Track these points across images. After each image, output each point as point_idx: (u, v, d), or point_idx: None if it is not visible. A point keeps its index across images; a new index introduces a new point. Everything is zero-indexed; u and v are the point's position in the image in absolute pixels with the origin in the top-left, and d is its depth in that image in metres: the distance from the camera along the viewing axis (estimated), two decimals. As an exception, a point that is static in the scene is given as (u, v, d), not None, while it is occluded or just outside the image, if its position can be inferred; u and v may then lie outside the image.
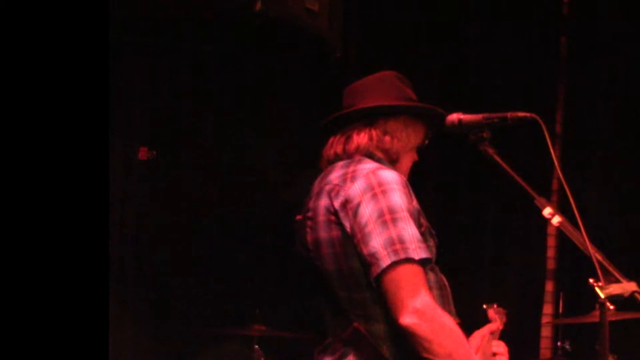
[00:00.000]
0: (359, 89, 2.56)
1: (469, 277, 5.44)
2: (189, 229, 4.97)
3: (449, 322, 2.22)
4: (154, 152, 4.79)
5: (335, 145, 2.49)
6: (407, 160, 2.56)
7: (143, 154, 4.77)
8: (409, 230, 2.22)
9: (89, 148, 1.98)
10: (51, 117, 1.95)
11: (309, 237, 2.39)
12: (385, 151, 2.47)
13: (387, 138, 2.48)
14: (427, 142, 2.61)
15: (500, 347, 2.63)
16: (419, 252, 2.21)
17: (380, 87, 2.54)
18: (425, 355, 2.17)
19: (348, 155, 2.45)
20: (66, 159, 1.95)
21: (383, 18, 5.38)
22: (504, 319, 2.88)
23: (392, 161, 2.48)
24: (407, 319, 2.15)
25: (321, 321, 2.42)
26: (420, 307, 2.16)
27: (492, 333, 2.71)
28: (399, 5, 5.40)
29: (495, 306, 2.90)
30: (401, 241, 2.20)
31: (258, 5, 3.60)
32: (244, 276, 5.01)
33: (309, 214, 2.40)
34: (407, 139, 2.52)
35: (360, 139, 2.46)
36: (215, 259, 4.99)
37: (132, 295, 4.71)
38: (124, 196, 4.71)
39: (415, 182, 2.50)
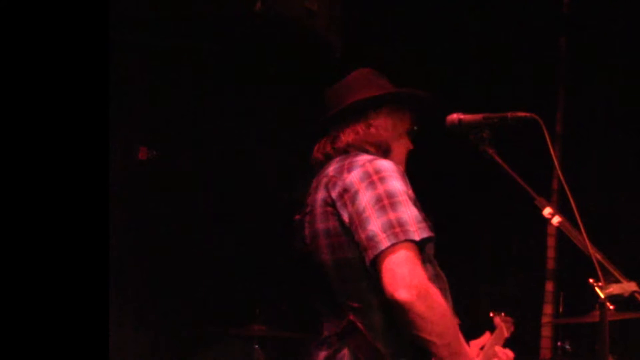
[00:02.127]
0: (338, 90, 2.59)
1: (469, 277, 5.45)
2: (188, 229, 4.97)
3: (443, 302, 2.22)
4: (154, 152, 4.79)
5: (323, 147, 2.53)
6: (400, 149, 2.57)
7: (143, 154, 4.76)
8: (409, 212, 2.23)
9: (89, 148, 1.98)
10: (51, 117, 1.95)
11: (307, 232, 2.40)
12: (375, 144, 2.49)
13: (373, 130, 2.50)
14: (416, 127, 2.61)
15: (504, 355, 2.62)
16: (419, 232, 2.21)
17: (356, 85, 2.56)
18: (417, 333, 2.16)
19: (339, 152, 2.47)
20: (66, 159, 1.95)
21: (383, 18, 5.38)
22: (511, 328, 2.87)
23: (384, 152, 2.49)
24: (403, 294, 2.14)
25: (318, 317, 2.42)
26: (418, 284, 2.15)
27: (494, 339, 2.70)
28: (399, 5, 5.40)
29: (502, 315, 2.89)
30: (400, 224, 2.20)
31: (258, 5, 3.60)
32: (244, 276, 5.01)
33: (307, 209, 2.42)
34: (393, 127, 2.54)
35: (347, 136, 2.49)
36: (215, 259, 4.99)
37: (132, 295, 4.70)
38: (124, 196, 4.71)
39: (415, 182, 2.50)
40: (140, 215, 4.84)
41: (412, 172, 2.57)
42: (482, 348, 2.69)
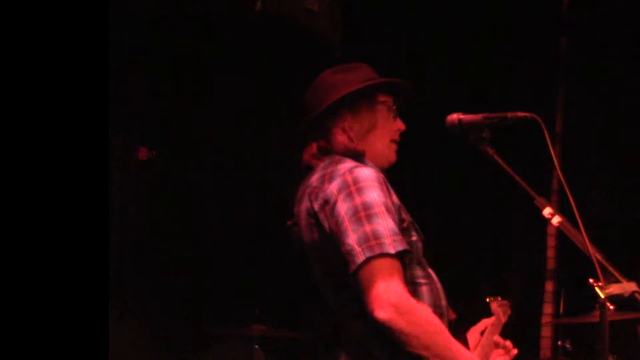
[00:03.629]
0: (308, 98, 2.56)
1: (469, 277, 5.45)
2: (188, 229, 4.97)
3: (425, 314, 2.20)
4: (154, 152, 4.79)
5: (306, 153, 2.52)
6: (378, 141, 2.50)
7: (143, 154, 4.76)
8: (385, 225, 2.20)
9: (89, 148, 1.98)
10: (51, 117, 1.95)
11: (296, 242, 2.41)
12: (344, 152, 2.45)
13: (333, 138, 2.46)
14: (395, 106, 2.54)
15: (506, 346, 2.63)
16: (395, 245, 2.19)
17: (320, 92, 2.52)
18: (404, 347, 2.15)
19: (313, 164, 2.46)
20: (66, 159, 1.95)
21: (383, 19, 5.38)
22: (508, 312, 2.87)
23: (357, 157, 2.44)
24: (381, 313, 2.13)
25: (313, 320, 2.43)
26: (395, 301, 2.14)
27: (492, 326, 2.71)
28: (399, 5, 5.40)
29: (499, 299, 2.88)
30: (376, 237, 2.18)
31: (258, 5, 3.60)
32: (244, 276, 5.01)
33: (295, 219, 2.42)
34: (357, 125, 2.48)
35: (311, 149, 2.49)
36: (215, 258, 4.99)
37: (132, 295, 4.70)
38: (124, 196, 4.71)
39: (415, 182, 2.50)
40: (140, 215, 4.84)
41: (412, 173, 2.57)
42: (482, 333, 2.70)
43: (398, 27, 5.39)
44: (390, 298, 2.14)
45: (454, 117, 2.48)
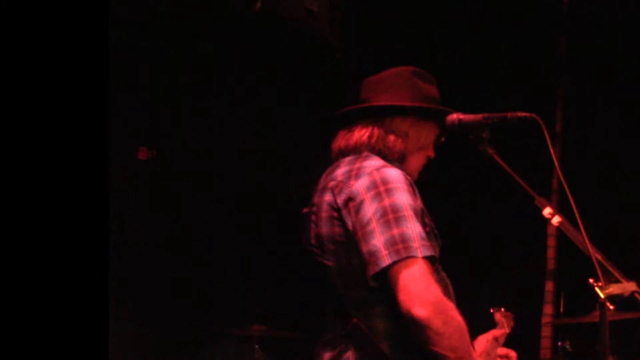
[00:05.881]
0: (374, 83, 2.56)
1: (470, 277, 5.45)
2: (188, 229, 4.97)
3: (457, 316, 2.22)
4: (154, 152, 4.79)
5: (339, 139, 2.50)
6: (417, 160, 2.54)
7: (143, 154, 4.76)
8: (413, 229, 2.21)
9: (89, 148, 1.98)
10: (51, 117, 1.95)
11: (312, 232, 2.40)
12: (388, 150, 2.45)
13: (391, 137, 2.46)
14: (442, 139, 2.59)
15: (509, 354, 2.64)
16: (422, 250, 2.19)
17: (393, 84, 2.52)
18: (431, 348, 2.16)
19: (348, 151, 2.45)
20: (66, 159, 1.95)
21: (383, 18, 5.38)
22: (512, 323, 2.87)
23: (394, 160, 2.45)
24: (420, 311, 2.13)
25: (322, 316, 2.42)
26: (434, 300, 2.15)
27: (496, 338, 2.71)
28: (399, 5, 5.40)
29: (502, 310, 2.89)
30: (403, 240, 2.18)
31: (258, 5, 3.60)
32: (244, 276, 5.01)
33: (314, 209, 2.41)
34: (415, 138, 2.51)
35: (360, 136, 2.46)
36: (215, 258, 4.99)
37: (132, 296, 4.70)
38: (124, 196, 4.71)
39: (415, 181, 2.50)
40: (140, 215, 4.84)
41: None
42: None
43: (397, 27, 5.39)
44: (429, 297, 2.15)
45: (454, 117, 2.49)
